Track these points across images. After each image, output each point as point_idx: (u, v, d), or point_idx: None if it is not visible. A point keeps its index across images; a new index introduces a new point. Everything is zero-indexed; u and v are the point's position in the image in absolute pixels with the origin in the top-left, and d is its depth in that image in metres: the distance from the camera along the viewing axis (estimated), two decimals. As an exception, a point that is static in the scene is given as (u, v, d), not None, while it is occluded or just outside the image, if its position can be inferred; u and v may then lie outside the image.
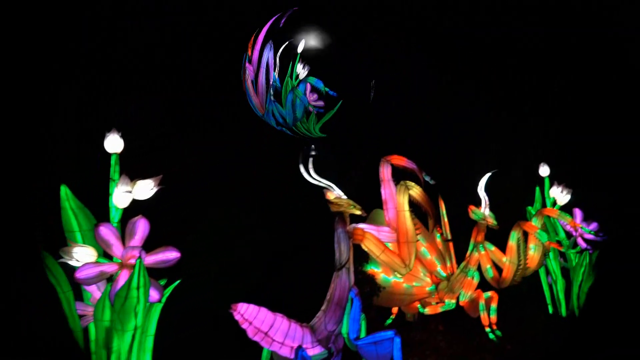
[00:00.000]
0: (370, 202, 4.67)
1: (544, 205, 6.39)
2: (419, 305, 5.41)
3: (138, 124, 4.50)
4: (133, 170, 3.58)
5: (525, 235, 5.11)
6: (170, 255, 3.47)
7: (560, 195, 6.26)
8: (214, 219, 4.41)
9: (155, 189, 3.71)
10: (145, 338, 3.48)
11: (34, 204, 4.34)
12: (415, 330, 5.39)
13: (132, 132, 4.01)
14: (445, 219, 5.50)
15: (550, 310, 6.25)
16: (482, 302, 5.08)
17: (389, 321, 5.58)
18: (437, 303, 5.32)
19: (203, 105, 5.17)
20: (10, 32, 4.40)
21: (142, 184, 3.65)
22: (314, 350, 3.35)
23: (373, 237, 3.67)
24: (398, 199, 3.83)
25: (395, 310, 5.60)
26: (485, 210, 5.09)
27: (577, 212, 6.13)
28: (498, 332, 5.16)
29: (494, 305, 5.20)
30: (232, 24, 5.59)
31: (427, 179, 3.98)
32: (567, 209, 6.23)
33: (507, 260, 4.99)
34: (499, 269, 5.20)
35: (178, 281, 3.60)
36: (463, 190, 6.40)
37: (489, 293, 5.24)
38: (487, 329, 5.00)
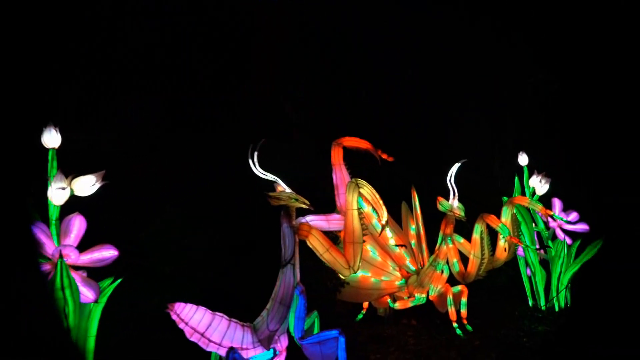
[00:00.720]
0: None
1: (523, 195, 6.21)
2: (389, 300, 5.26)
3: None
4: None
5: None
6: (107, 253, 3.34)
7: (538, 184, 6.06)
8: (166, 218, 4.27)
9: (97, 185, 3.58)
10: (86, 339, 3.36)
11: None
12: (385, 325, 5.26)
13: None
14: (418, 211, 5.33)
15: (530, 303, 6.08)
16: (449, 297, 4.92)
17: (359, 316, 5.44)
18: (407, 297, 5.17)
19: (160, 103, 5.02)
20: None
21: (83, 180, 3.51)
22: (255, 351, 3.21)
23: (319, 234, 3.51)
24: (347, 198, 3.67)
25: (366, 305, 5.46)
26: (453, 201, 4.91)
27: (556, 202, 5.93)
28: (469, 327, 5.00)
29: (464, 300, 5.04)
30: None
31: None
32: (546, 198, 6.05)
33: (472, 255, 4.82)
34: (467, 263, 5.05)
35: (118, 281, 3.47)
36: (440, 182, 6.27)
37: (459, 287, 5.08)
38: (455, 324, 4.84)
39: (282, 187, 3.49)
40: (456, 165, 4.99)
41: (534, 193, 6.11)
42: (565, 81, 6.70)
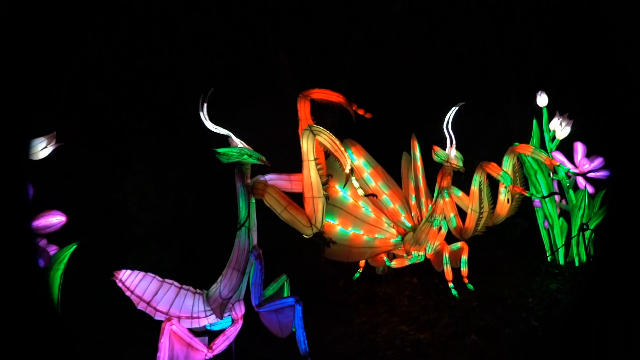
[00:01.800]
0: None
1: (542, 141, 5.59)
2: (385, 258, 4.94)
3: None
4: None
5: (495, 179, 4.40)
6: (54, 219, 3.17)
7: (559, 127, 5.41)
8: (133, 180, 4.04)
9: (50, 148, 3.39)
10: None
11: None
12: (382, 284, 4.97)
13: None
14: (418, 162, 4.85)
15: (549, 258, 5.58)
16: (446, 255, 4.52)
17: (356, 275, 5.16)
18: (405, 256, 4.82)
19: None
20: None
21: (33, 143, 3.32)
22: (207, 320, 3.00)
23: (275, 192, 3.16)
24: (302, 147, 3.25)
25: (362, 263, 5.16)
26: (450, 151, 4.41)
27: (579, 147, 5.29)
28: (470, 286, 4.62)
29: (464, 257, 4.63)
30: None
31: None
32: (568, 143, 5.42)
33: (470, 208, 4.35)
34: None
35: (73, 246, 3.31)
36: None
37: (459, 244, 4.65)
38: (451, 285, 4.46)
39: (236, 142, 3.14)
40: (454, 109, 4.45)
41: (554, 137, 5.48)
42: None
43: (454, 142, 4.41)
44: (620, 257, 5.09)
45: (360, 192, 3.32)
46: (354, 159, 4.73)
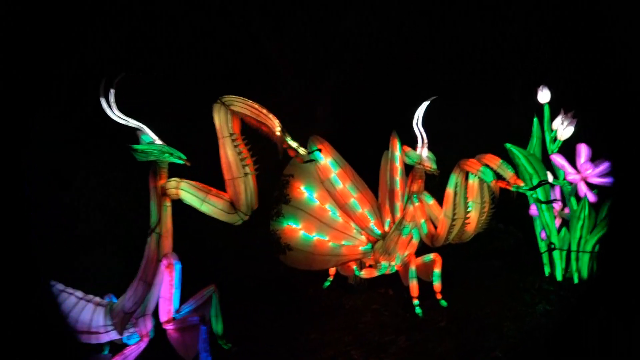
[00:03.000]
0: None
1: (543, 141, 4.99)
2: (355, 267, 4.51)
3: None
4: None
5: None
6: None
7: (561, 127, 4.81)
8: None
9: None
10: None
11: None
12: (353, 295, 4.55)
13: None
14: (397, 163, 4.36)
15: (547, 271, 5.00)
16: (412, 268, 4.05)
17: (327, 283, 4.76)
18: (374, 265, 4.39)
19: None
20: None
21: None
22: (108, 336, 2.69)
23: (190, 185, 2.78)
24: (215, 124, 2.82)
25: (332, 271, 4.75)
26: (422, 151, 3.93)
27: (582, 150, 4.67)
28: (443, 303, 4.14)
29: (437, 270, 4.15)
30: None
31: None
32: (570, 144, 4.81)
33: (443, 212, 3.81)
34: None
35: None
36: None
37: (431, 255, 4.18)
38: (416, 302, 3.98)
39: (152, 136, 2.80)
40: (424, 104, 3.96)
41: (555, 138, 4.88)
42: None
43: (426, 141, 3.93)
44: (620, 279, 4.50)
45: (302, 151, 2.93)
46: (321, 158, 4.31)
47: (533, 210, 4.96)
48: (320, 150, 4.00)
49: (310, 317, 4.09)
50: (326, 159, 4.34)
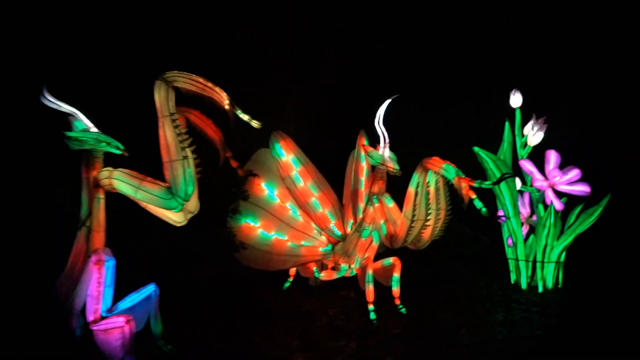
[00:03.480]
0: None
1: (514, 146, 4.90)
2: (315, 269, 4.38)
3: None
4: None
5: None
6: None
7: (531, 132, 4.72)
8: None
9: None
10: None
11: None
12: (312, 297, 4.42)
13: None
14: (362, 163, 4.24)
15: (513, 279, 4.92)
16: (369, 272, 3.92)
17: (287, 284, 4.62)
18: (334, 267, 4.26)
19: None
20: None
21: None
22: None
23: (123, 174, 2.62)
24: (155, 100, 2.67)
25: (293, 272, 4.61)
26: (383, 151, 3.80)
27: (552, 156, 4.58)
28: (402, 310, 4.02)
29: (396, 275, 4.04)
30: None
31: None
32: (539, 151, 4.72)
33: (403, 212, 3.65)
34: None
35: None
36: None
37: (390, 259, 4.06)
38: (371, 307, 3.85)
39: (86, 124, 2.64)
40: (386, 103, 3.83)
41: (525, 144, 4.80)
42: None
43: (387, 140, 3.80)
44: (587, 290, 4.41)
45: (255, 124, 2.86)
46: (283, 154, 4.17)
47: (501, 216, 4.86)
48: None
49: (262, 318, 3.95)
50: (288, 156, 4.20)
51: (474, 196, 3.34)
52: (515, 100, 4.82)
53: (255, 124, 2.84)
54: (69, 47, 4.21)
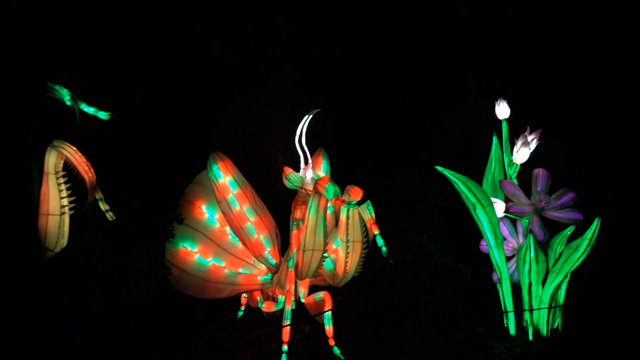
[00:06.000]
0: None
1: (502, 163, 4.19)
2: (259, 298, 4.07)
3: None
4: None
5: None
6: None
7: (515, 149, 4.00)
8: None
9: None
10: None
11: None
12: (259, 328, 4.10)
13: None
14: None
15: (506, 322, 4.15)
16: (287, 309, 3.50)
17: (240, 313, 4.35)
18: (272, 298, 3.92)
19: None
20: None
21: None
22: None
23: None
24: (45, 159, 3.18)
25: (244, 300, 4.33)
26: (305, 172, 3.42)
27: (540, 175, 3.84)
28: (336, 350, 3.54)
29: (327, 311, 3.57)
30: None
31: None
32: (527, 169, 3.98)
33: (339, 240, 3.20)
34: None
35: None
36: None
37: (321, 294, 3.61)
38: (284, 348, 3.42)
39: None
40: (306, 118, 3.44)
41: (511, 162, 4.07)
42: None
43: (310, 160, 3.42)
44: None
45: (109, 216, 3.38)
46: (220, 176, 3.95)
47: (484, 246, 4.16)
48: None
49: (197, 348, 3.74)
50: (226, 177, 3.97)
51: (376, 232, 2.86)
52: (501, 111, 4.14)
53: (109, 216, 3.42)
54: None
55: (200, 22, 4.43)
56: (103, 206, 3.37)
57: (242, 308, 4.36)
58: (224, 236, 4.01)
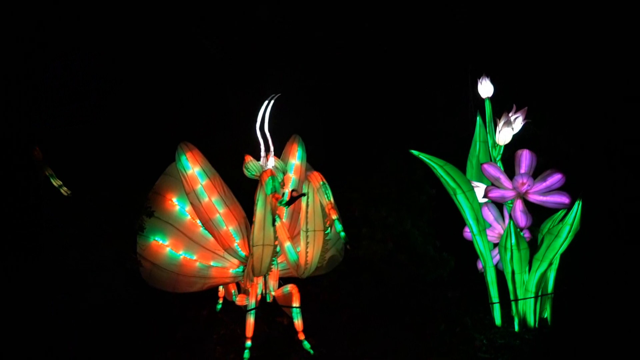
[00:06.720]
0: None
1: (487, 145, 3.95)
2: (233, 291, 3.96)
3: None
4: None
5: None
6: None
7: (497, 129, 3.75)
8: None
9: None
10: None
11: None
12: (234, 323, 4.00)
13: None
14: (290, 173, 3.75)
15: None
16: (251, 302, 3.37)
17: (219, 306, 4.26)
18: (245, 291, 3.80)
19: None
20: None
21: None
22: None
23: None
24: None
25: (222, 293, 4.23)
26: (267, 162, 3.25)
27: (524, 157, 3.59)
28: (306, 345, 3.41)
29: (295, 306, 3.43)
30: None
31: None
32: (511, 151, 3.72)
33: (301, 230, 3.06)
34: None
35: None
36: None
37: (288, 287, 3.47)
38: (247, 343, 3.29)
39: None
40: (267, 103, 3.26)
41: (494, 143, 3.83)
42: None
43: (272, 148, 3.25)
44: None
45: (63, 191, 2.92)
46: (189, 167, 3.83)
47: (467, 233, 3.94)
48: None
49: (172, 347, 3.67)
50: (194, 168, 3.84)
51: (334, 216, 2.68)
52: (484, 88, 3.88)
53: (64, 191, 2.82)
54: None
55: (168, 7, 4.30)
56: (55, 182, 3.27)
57: (220, 301, 4.27)
58: (195, 228, 3.89)
